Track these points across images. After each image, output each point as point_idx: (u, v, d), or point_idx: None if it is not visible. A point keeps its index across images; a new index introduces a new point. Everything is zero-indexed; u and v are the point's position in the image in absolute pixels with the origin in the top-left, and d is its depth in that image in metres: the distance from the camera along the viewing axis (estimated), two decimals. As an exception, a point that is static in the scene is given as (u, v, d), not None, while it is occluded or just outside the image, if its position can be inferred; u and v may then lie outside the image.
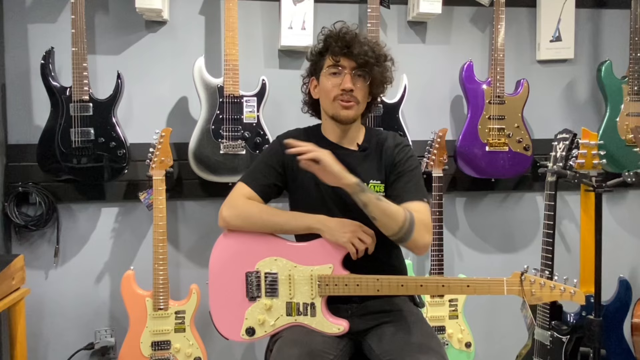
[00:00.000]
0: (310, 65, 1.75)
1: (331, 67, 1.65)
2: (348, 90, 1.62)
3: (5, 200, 2.35)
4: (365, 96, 1.69)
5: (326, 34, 1.68)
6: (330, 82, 1.65)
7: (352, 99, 1.64)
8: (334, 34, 1.65)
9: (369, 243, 1.56)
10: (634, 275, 2.84)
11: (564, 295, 1.53)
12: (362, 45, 1.62)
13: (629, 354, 2.33)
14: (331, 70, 1.65)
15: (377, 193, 1.55)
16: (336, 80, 1.64)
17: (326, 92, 1.67)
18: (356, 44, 1.61)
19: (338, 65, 1.63)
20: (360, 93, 1.65)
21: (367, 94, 1.69)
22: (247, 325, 1.61)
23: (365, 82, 1.65)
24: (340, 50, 1.62)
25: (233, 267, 1.63)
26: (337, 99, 1.64)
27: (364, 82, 1.65)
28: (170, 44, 2.48)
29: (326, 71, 1.67)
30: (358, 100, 1.66)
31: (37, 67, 2.23)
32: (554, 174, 2.25)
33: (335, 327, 1.56)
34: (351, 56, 1.61)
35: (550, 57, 2.72)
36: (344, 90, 1.62)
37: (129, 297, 2.26)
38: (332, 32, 1.66)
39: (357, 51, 1.60)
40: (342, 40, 1.62)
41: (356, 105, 1.66)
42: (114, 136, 2.26)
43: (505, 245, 2.80)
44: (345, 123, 1.68)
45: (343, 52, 1.62)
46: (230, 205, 1.67)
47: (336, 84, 1.64)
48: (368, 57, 1.61)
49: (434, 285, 1.58)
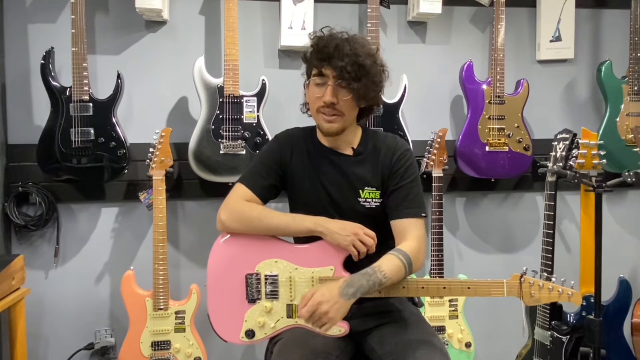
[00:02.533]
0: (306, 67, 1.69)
1: (315, 77, 1.59)
2: (329, 104, 1.57)
3: (5, 200, 2.35)
4: (351, 106, 1.60)
5: (313, 40, 1.60)
6: (314, 92, 1.60)
7: (334, 112, 1.58)
8: (318, 43, 1.57)
9: (370, 245, 1.55)
10: (634, 275, 2.84)
11: (561, 297, 1.55)
12: (345, 56, 1.52)
13: (629, 354, 2.33)
14: (316, 80, 1.59)
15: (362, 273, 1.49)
16: (319, 91, 1.58)
17: (311, 102, 1.63)
18: (339, 54, 1.53)
19: (321, 75, 1.58)
20: (344, 105, 1.58)
21: (352, 104, 1.60)
22: (247, 327, 1.60)
23: (349, 94, 1.56)
24: (321, 62, 1.55)
25: (232, 269, 1.62)
26: (320, 111, 1.60)
27: (348, 94, 1.56)
28: (170, 44, 2.48)
29: (312, 80, 1.61)
30: (342, 112, 1.59)
31: (37, 67, 2.23)
32: (554, 174, 2.25)
33: (337, 328, 1.55)
34: (333, 67, 1.54)
35: (550, 57, 2.72)
36: (325, 103, 1.57)
37: (129, 297, 2.26)
38: (317, 40, 1.59)
39: (339, 63, 1.52)
40: (322, 50, 1.55)
41: (340, 118, 1.60)
42: (114, 136, 2.26)
43: (505, 245, 2.80)
44: (329, 135, 1.64)
45: (324, 63, 1.55)
46: (228, 208, 1.64)
47: (319, 95, 1.58)
48: (350, 69, 1.52)
49: (435, 287, 1.58)
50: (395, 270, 1.51)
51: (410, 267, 1.53)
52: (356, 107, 1.64)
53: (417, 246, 1.57)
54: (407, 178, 1.64)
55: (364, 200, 1.65)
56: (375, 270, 1.49)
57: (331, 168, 1.68)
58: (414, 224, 1.61)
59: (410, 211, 1.61)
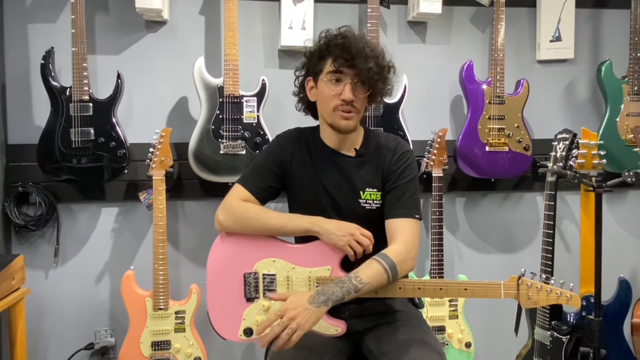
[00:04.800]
0: (308, 64, 1.68)
1: (332, 74, 1.58)
2: (349, 102, 1.58)
3: (5, 200, 2.35)
4: (364, 104, 1.64)
5: (330, 37, 1.60)
6: (330, 90, 1.59)
7: (352, 109, 1.60)
8: (339, 43, 1.57)
9: (366, 245, 1.55)
10: (634, 275, 2.84)
11: (560, 299, 1.53)
12: (367, 59, 1.55)
13: (629, 354, 2.33)
14: (332, 77, 1.59)
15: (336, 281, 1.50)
16: (336, 89, 1.58)
17: (325, 100, 1.62)
18: (361, 57, 1.55)
19: (340, 72, 1.58)
20: (359, 102, 1.60)
21: (366, 102, 1.65)
22: (245, 326, 1.61)
23: (366, 93, 1.60)
24: (345, 62, 1.55)
25: (231, 268, 1.62)
26: (338, 109, 1.59)
27: (365, 92, 1.60)
28: (170, 44, 2.48)
29: (326, 77, 1.60)
30: (358, 109, 1.61)
31: (37, 67, 2.23)
32: (554, 174, 2.25)
33: (333, 328, 1.56)
34: (355, 69, 1.56)
35: (550, 57, 2.72)
36: (344, 101, 1.58)
37: (129, 297, 2.26)
38: (337, 39, 1.59)
39: (362, 65, 1.55)
40: (347, 51, 1.56)
41: (357, 115, 1.62)
42: (114, 136, 2.26)
43: (505, 246, 2.80)
44: (346, 132, 1.64)
45: (347, 63, 1.56)
46: (226, 208, 1.64)
47: (336, 92, 1.58)
48: (372, 73, 1.56)
49: (431, 288, 1.57)
50: (373, 276, 1.49)
51: (393, 270, 1.51)
52: (366, 105, 1.67)
53: (403, 249, 1.55)
54: (404, 178, 1.63)
55: (364, 201, 1.65)
56: (350, 277, 1.49)
57: (333, 169, 1.68)
58: (406, 224, 1.59)
59: (402, 211, 1.60)
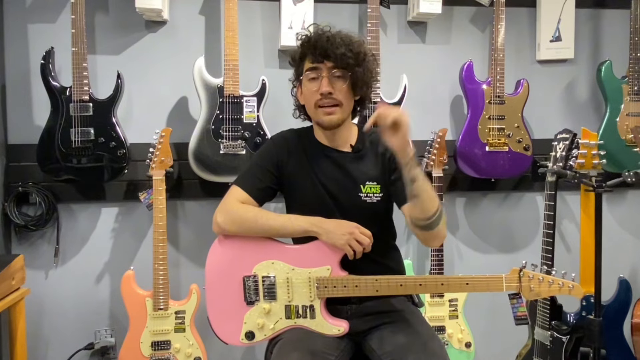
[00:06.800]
0: (294, 70, 1.72)
1: (309, 72, 1.61)
2: (327, 94, 1.59)
3: (5, 200, 2.35)
4: (348, 96, 1.63)
5: (302, 39, 1.64)
6: (310, 87, 1.62)
7: (333, 102, 1.60)
8: (309, 39, 1.61)
9: (366, 244, 1.55)
10: (634, 275, 2.84)
11: (562, 289, 1.51)
12: (338, 46, 1.56)
13: (629, 354, 2.33)
14: (310, 75, 1.61)
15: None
16: (315, 85, 1.60)
17: (307, 98, 1.65)
18: (332, 46, 1.56)
19: (315, 68, 1.60)
20: (341, 94, 1.60)
21: (349, 94, 1.64)
22: (246, 329, 1.61)
23: (345, 83, 1.60)
24: (316, 56, 1.58)
25: (230, 271, 1.62)
26: (318, 104, 1.61)
27: (344, 83, 1.60)
28: (170, 44, 2.48)
29: (305, 76, 1.63)
30: (340, 101, 1.61)
31: (37, 67, 2.23)
32: (554, 174, 2.25)
33: (335, 328, 1.56)
34: (328, 59, 1.57)
35: (550, 57, 2.72)
36: (322, 95, 1.59)
37: (129, 297, 2.26)
38: (307, 37, 1.62)
39: (334, 54, 1.56)
40: (316, 45, 1.58)
41: (339, 108, 1.62)
42: (114, 136, 2.26)
43: (505, 245, 2.80)
44: (330, 128, 1.65)
45: (319, 57, 1.58)
46: (224, 210, 1.64)
47: (316, 89, 1.60)
48: (346, 59, 1.56)
49: (432, 283, 1.58)
50: (434, 193, 1.51)
51: (441, 213, 1.52)
52: (352, 98, 1.66)
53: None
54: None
55: (365, 195, 1.65)
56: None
57: (331, 165, 1.68)
58: None
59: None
